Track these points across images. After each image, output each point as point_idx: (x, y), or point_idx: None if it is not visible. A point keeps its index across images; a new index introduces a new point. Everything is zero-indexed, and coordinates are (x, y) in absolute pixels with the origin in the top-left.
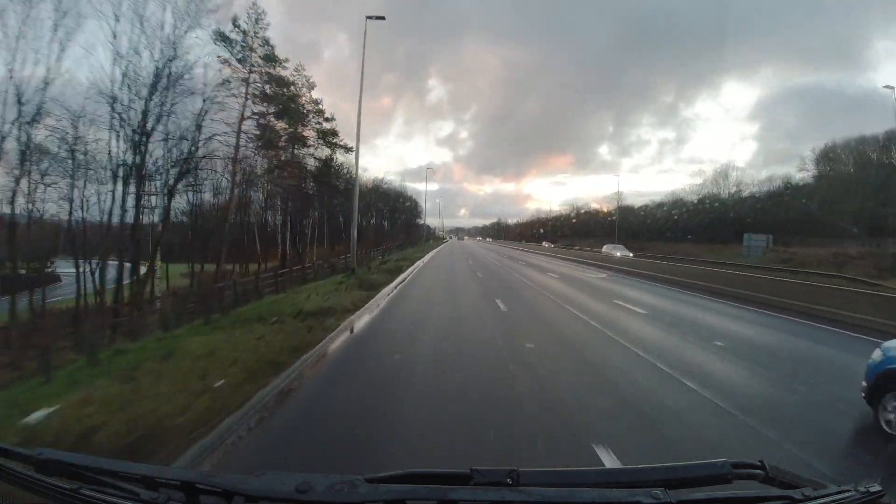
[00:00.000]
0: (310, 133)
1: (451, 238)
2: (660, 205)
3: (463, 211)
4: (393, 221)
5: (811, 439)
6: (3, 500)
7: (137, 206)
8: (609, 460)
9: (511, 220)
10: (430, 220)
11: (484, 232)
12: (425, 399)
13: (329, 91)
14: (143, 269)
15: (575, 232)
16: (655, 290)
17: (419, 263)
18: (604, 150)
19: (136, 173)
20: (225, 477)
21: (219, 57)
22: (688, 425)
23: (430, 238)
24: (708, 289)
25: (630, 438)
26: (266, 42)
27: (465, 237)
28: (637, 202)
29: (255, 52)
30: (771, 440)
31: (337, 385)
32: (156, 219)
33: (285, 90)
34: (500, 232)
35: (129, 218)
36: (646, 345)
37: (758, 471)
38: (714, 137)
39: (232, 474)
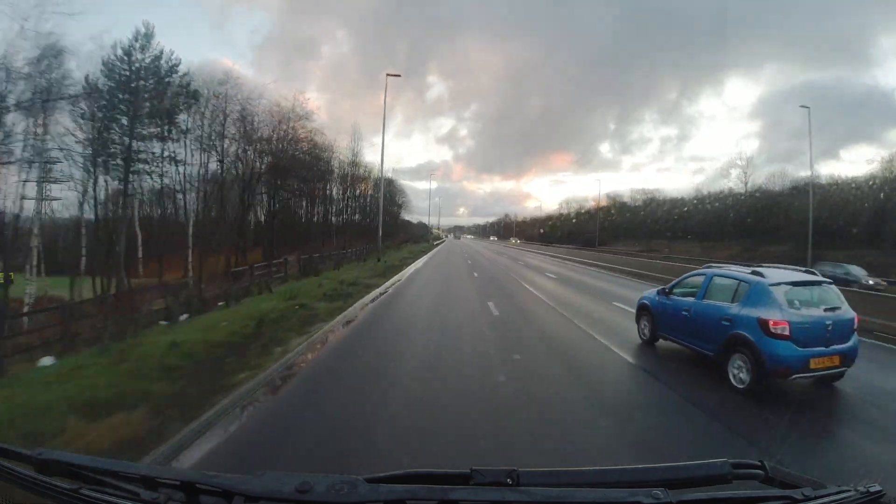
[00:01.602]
0: None
1: (447, 237)
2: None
3: (462, 210)
4: (361, 212)
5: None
6: (3, 500)
7: None
8: None
9: (518, 218)
10: (430, 219)
11: (487, 231)
12: None
13: (326, 90)
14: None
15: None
16: None
17: None
18: (605, 148)
19: None
20: (225, 477)
21: None
22: None
23: (420, 239)
24: None
25: None
26: None
27: (468, 235)
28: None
29: None
30: None
31: None
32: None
33: None
34: (502, 230)
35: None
36: None
37: (758, 471)
38: (716, 136)
39: (232, 474)
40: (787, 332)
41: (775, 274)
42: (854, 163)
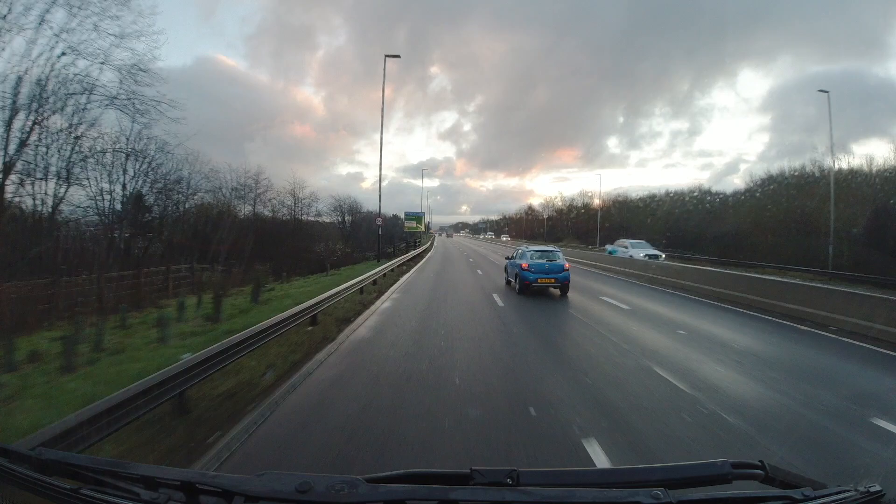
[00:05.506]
0: None
1: (436, 236)
2: None
3: (464, 207)
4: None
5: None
6: (3, 500)
7: None
8: None
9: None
10: (429, 215)
11: (499, 227)
12: None
13: (324, 83)
14: None
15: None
16: None
17: None
18: (612, 143)
19: None
20: (225, 477)
21: None
22: None
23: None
24: None
25: None
26: None
27: (479, 234)
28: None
29: None
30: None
31: None
32: None
33: None
34: (501, 228)
35: None
36: None
37: (758, 471)
38: (726, 130)
39: (232, 474)
40: (528, 268)
41: (533, 246)
42: (866, 157)
